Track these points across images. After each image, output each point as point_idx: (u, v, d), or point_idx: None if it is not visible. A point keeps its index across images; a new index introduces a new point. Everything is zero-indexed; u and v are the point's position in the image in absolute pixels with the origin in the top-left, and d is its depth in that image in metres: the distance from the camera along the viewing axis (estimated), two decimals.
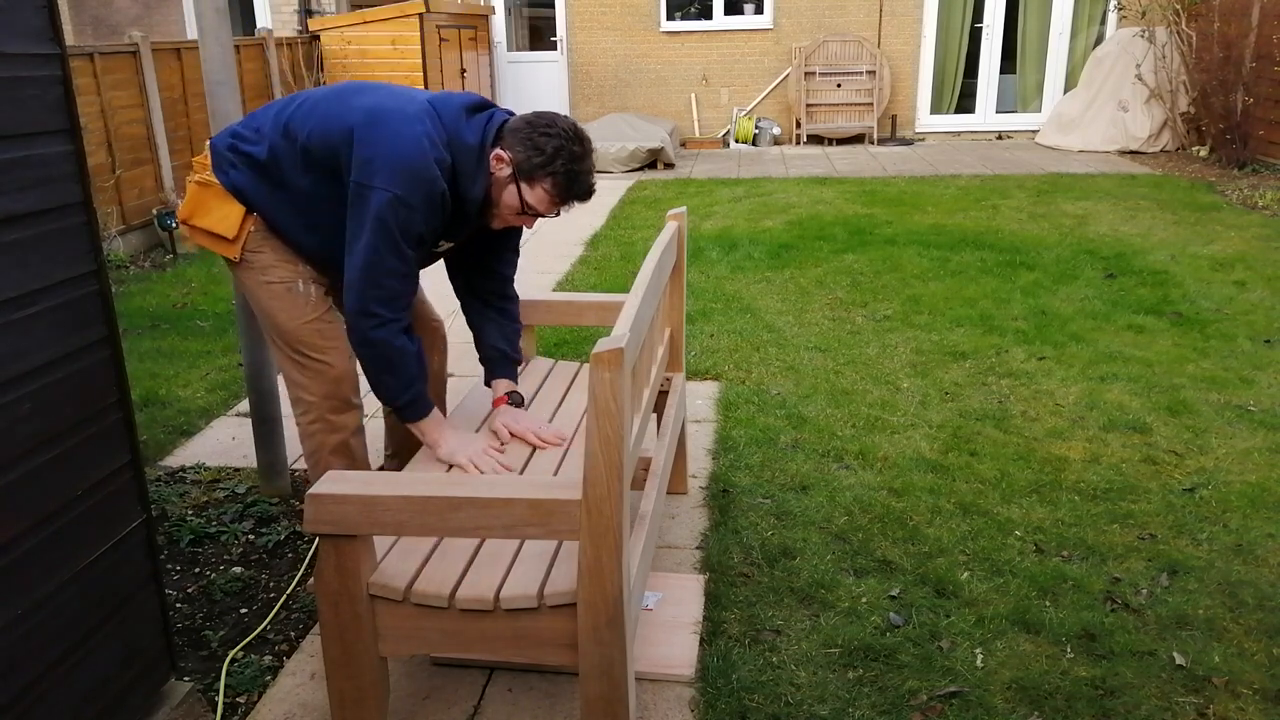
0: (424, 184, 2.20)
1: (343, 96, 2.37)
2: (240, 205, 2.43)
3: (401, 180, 2.18)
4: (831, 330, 4.75)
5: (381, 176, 2.18)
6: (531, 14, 12.00)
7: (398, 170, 2.18)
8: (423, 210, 2.22)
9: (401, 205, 2.18)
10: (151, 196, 6.93)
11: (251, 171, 2.42)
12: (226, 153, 2.46)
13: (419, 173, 2.19)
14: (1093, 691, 2.25)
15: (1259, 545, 2.85)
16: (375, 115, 2.25)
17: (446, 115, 2.29)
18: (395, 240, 2.20)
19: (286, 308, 2.49)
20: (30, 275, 1.66)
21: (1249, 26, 9.02)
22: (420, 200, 2.20)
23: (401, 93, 2.37)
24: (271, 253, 2.48)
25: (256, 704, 2.27)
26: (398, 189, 2.17)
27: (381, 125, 2.23)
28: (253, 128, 2.46)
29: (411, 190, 2.19)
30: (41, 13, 1.69)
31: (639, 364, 2.13)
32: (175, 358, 4.59)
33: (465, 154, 2.27)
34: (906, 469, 3.33)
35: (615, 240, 6.80)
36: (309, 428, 2.59)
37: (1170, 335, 4.59)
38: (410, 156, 2.19)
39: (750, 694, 2.25)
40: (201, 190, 2.47)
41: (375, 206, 2.18)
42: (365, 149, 2.21)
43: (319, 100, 2.40)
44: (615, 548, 1.81)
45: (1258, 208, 7.34)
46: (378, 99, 2.32)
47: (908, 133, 11.48)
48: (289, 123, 2.38)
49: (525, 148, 2.24)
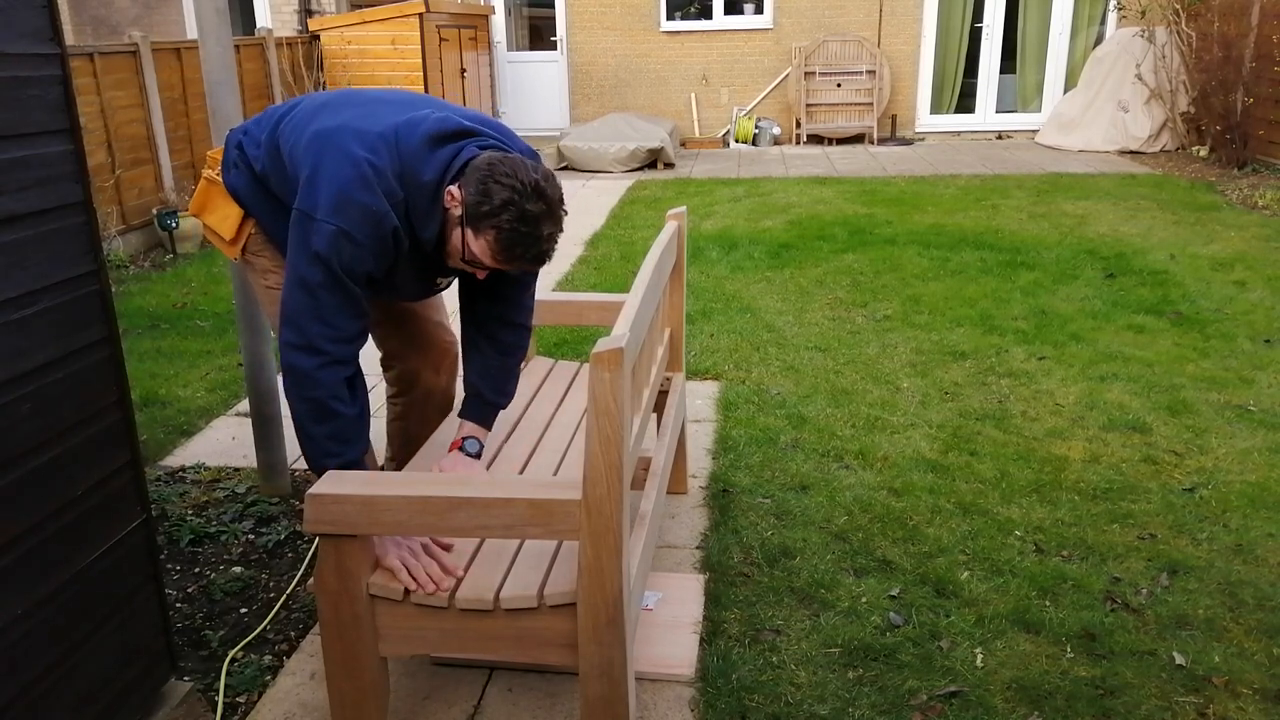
0: (370, 219, 2.01)
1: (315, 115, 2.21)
2: (239, 207, 2.38)
3: (346, 214, 2.00)
4: (831, 330, 4.75)
5: (324, 208, 2.01)
6: (531, 14, 12.00)
7: (341, 202, 2.01)
8: (371, 247, 2.03)
9: (348, 241, 2.00)
10: (151, 196, 6.93)
11: (248, 175, 2.35)
12: (234, 150, 2.39)
13: (364, 206, 2.01)
14: (1093, 691, 2.25)
15: (1259, 545, 2.85)
16: (324, 138, 2.09)
17: (407, 145, 2.08)
18: (338, 276, 2.02)
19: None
20: (30, 275, 1.66)
21: (1249, 26, 9.02)
22: (368, 237, 2.02)
23: (371, 113, 2.17)
24: (271, 257, 2.42)
25: (256, 704, 2.27)
26: (343, 223, 2.00)
27: (328, 150, 2.06)
28: (260, 126, 2.37)
29: (358, 225, 2.01)
30: (41, 13, 1.69)
31: (639, 364, 2.13)
32: (175, 358, 4.59)
33: (419, 190, 2.07)
34: (906, 469, 3.33)
35: (615, 240, 6.80)
36: None
37: (1170, 335, 4.59)
38: (353, 187, 2.01)
39: (750, 694, 2.25)
40: (209, 186, 2.44)
41: (319, 239, 2.00)
42: (309, 174, 2.06)
43: (303, 115, 2.24)
44: (615, 548, 1.81)
45: (1258, 208, 7.34)
46: (340, 120, 2.14)
47: (908, 132, 11.48)
48: (278, 139, 2.26)
49: (475, 191, 2.01)
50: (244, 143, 2.38)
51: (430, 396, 2.81)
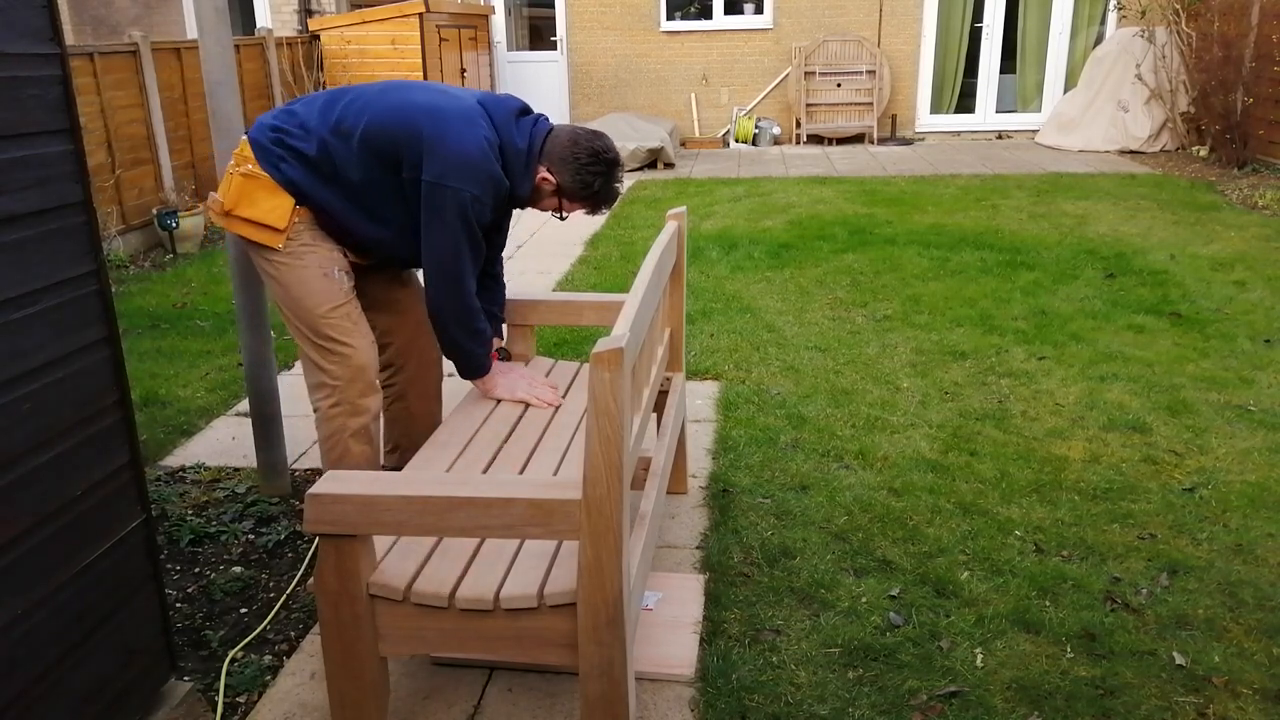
0: (493, 182, 2.51)
1: (398, 92, 2.57)
2: (290, 197, 2.58)
3: (474, 180, 2.47)
4: (831, 330, 4.75)
5: (455, 176, 2.45)
6: (531, 14, 12.00)
7: (469, 170, 2.46)
8: (491, 204, 2.54)
9: (477, 202, 2.49)
10: (151, 196, 6.93)
11: (303, 166, 2.58)
12: (273, 147, 2.58)
13: (488, 172, 2.49)
14: (1093, 691, 2.25)
15: (1259, 545, 2.85)
16: (439, 116, 2.48)
17: (498, 118, 2.55)
18: (474, 230, 2.54)
19: (318, 292, 2.62)
20: (30, 275, 1.66)
21: (1249, 26, 9.02)
22: (490, 196, 2.52)
23: (453, 92, 2.59)
24: (311, 240, 2.64)
25: (256, 704, 2.27)
26: (474, 189, 2.47)
27: (447, 126, 2.47)
28: (296, 124, 2.60)
29: (484, 189, 2.49)
30: (41, 13, 1.69)
31: (639, 364, 2.13)
32: (175, 358, 4.59)
33: (514, 157, 2.56)
34: (906, 469, 3.33)
35: (615, 240, 6.80)
36: (330, 411, 2.69)
37: (1170, 335, 4.59)
38: (477, 157, 2.47)
39: (750, 694, 2.25)
40: (248, 182, 2.59)
41: (456, 204, 2.47)
42: (435, 148, 2.45)
43: (371, 98, 2.58)
44: (615, 548, 1.81)
45: (1258, 208, 7.34)
46: (432, 98, 2.54)
47: (908, 132, 11.48)
48: (340, 120, 2.56)
49: (572, 177, 2.57)
50: (281, 138, 2.59)
51: (430, 368, 3.05)
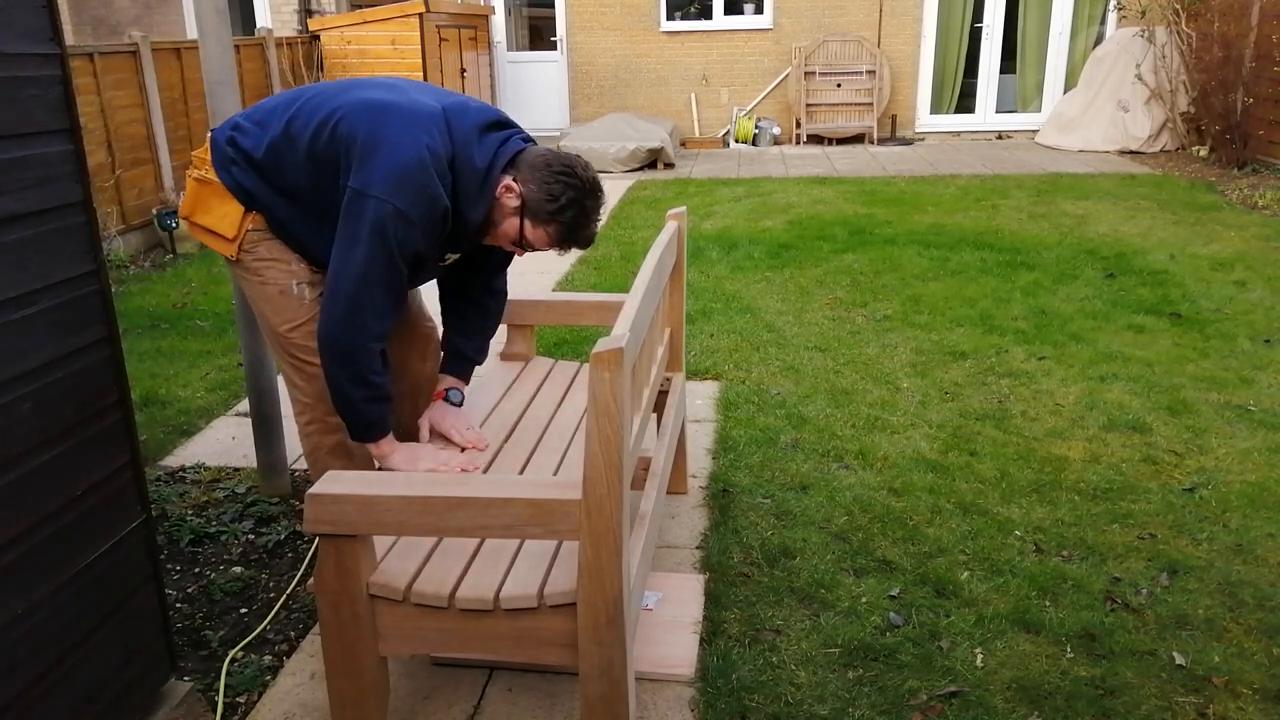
0: (425, 199, 2.09)
1: (357, 90, 2.24)
2: (240, 204, 2.34)
3: (402, 192, 2.06)
4: (831, 330, 4.75)
5: (381, 185, 2.06)
6: (531, 14, 11.99)
7: (399, 180, 2.06)
8: (423, 227, 2.11)
9: (402, 219, 2.07)
10: (151, 196, 6.93)
11: (252, 170, 2.32)
12: (226, 147, 2.35)
13: (422, 186, 2.08)
14: (1093, 691, 2.25)
15: (1259, 545, 2.85)
16: (381, 116, 2.13)
17: (459, 130, 2.18)
18: (393, 254, 2.09)
19: (280, 310, 2.40)
20: (30, 275, 1.66)
21: (1249, 26, 9.02)
22: (421, 216, 2.09)
23: (417, 93, 2.25)
24: (267, 253, 2.38)
25: (256, 704, 2.27)
26: (399, 202, 2.06)
27: (385, 128, 2.10)
28: (255, 119, 2.35)
29: (413, 205, 2.07)
30: (41, 13, 1.69)
31: (639, 364, 2.13)
32: (175, 358, 4.59)
33: (469, 175, 2.17)
34: (906, 469, 3.33)
35: (615, 240, 6.80)
36: (306, 428, 2.55)
37: (1170, 335, 4.59)
38: (412, 166, 2.07)
39: (750, 694, 2.25)
40: (201, 187, 2.38)
41: (374, 217, 2.06)
42: (366, 152, 2.09)
43: (329, 95, 2.26)
44: (615, 548, 1.81)
45: (1258, 208, 7.34)
46: (386, 96, 2.19)
47: (908, 132, 11.48)
48: (293, 118, 2.26)
49: (540, 189, 2.17)
50: (235, 137, 2.35)
51: (420, 386, 2.79)
